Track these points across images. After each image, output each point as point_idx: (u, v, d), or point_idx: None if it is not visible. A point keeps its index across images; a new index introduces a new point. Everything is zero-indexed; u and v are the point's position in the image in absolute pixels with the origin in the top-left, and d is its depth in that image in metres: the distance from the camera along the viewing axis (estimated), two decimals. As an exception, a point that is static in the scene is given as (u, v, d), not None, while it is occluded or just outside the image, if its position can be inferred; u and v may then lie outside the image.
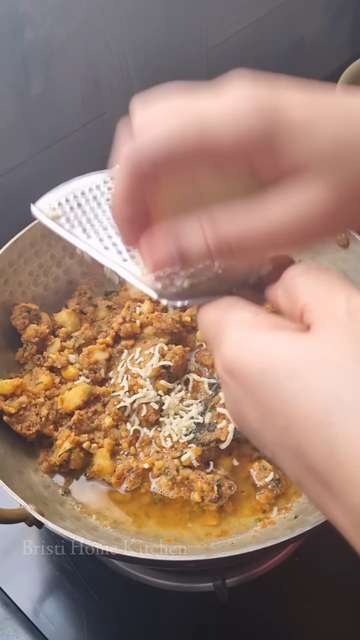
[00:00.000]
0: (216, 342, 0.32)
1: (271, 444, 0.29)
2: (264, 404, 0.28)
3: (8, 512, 0.55)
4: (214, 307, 0.33)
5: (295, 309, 0.30)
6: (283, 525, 0.66)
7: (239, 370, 0.29)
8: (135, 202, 0.32)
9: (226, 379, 0.31)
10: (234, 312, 0.32)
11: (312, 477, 0.27)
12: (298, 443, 0.27)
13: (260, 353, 0.29)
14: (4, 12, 0.73)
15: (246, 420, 0.31)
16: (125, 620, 0.68)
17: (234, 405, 0.31)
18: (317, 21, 1.27)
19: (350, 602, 0.68)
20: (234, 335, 0.30)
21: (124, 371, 0.76)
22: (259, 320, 0.31)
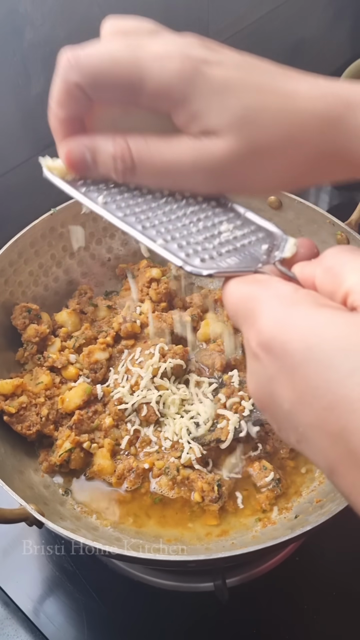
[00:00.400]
0: (251, 316, 0.30)
1: (305, 426, 0.28)
2: (305, 383, 0.27)
3: (8, 512, 0.55)
4: (246, 281, 0.33)
5: (339, 290, 0.30)
6: (283, 525, 0.66)
7: (279, 346, 0.28)
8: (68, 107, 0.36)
9: (261, 356, 0.30)
10: (272, 286, 0.31)
11: (352, 462, 0.26)
12: (343, 425, 0.25)
13: (306, 329, 0.27)
14: (4, 12, 0.73)
15: (277, 400, 0.29)
16: (125, 620, 0.68)
17: (264, 384, 0.30)
18: (317, 21, 1.27)
19: (350, 602, 0.68)
20: (275, 310, 0.29)
21: (124, 371, 0.76)
22: (300, 296, 0.30)
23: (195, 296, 0.85)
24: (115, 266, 0.91)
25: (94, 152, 0.36)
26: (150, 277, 0.84)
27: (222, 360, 0.77)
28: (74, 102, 0.36)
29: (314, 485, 0.69)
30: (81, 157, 0.37)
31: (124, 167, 0.36)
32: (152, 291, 0.83)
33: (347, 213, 0.81)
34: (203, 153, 0.34)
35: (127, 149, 0.35)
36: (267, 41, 1.16)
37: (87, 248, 0.89)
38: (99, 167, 0.37)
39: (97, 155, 0.36)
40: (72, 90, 0.35)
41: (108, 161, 0.36)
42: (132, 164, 0.36)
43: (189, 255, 0.35)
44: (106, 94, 0.35)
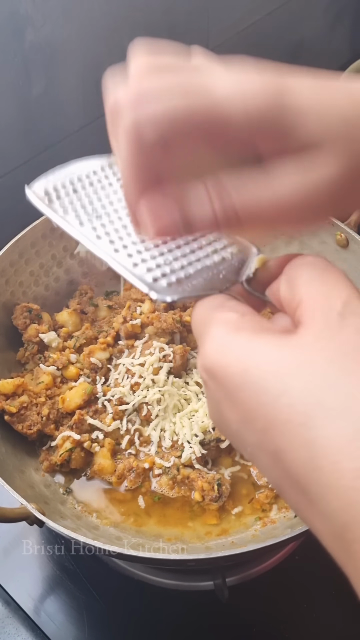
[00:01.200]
0: (201, 340, 0.31)
1: (250, 446, 0.29)
2: (243, 406, 0.28)
3: (9, 511, 0.55)
4: (203, 305, 0.33)
5: (293, 301, 0.30)
6: (283, 524, 0.66)
7: (220, 371, 0.29)
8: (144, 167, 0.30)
9: (206, 380, 0.30)
10: (220, 312, 0.31)
11: (289, 481, 0.26)
12: (277, 446, 0.26)
13: (242, 355, 0.28)
14: (6, 14, 0.73)
15: (226, 422, 0.30)
16: (126, 619, 0.68)
17: (214, 406, 0.31)
18: (317, 21, 1.27)
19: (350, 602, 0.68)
20: (217, 336, 0.30)
21: (124, 371, 0.76)
22: (244, 322, 0.30)
23: (195, 296, 0.85)
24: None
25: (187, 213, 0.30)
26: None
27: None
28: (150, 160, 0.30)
29: (314, 484, 0.69)
30: (172, 223, 0.30)
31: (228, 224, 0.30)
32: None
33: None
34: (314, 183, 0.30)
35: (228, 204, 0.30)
36: (267, 42, 1.16)
37: (87, 248, 0.89)
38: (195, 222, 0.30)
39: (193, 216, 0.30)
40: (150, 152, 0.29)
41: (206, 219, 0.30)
42: (237, 218, 0.30)
43: (156, 280, 0.34)
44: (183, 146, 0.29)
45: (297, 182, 0.30)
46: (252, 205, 0.30)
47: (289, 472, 0.26)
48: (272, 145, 0.30)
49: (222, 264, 0.36)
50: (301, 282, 0.30)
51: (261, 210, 0.30)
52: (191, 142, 0.29)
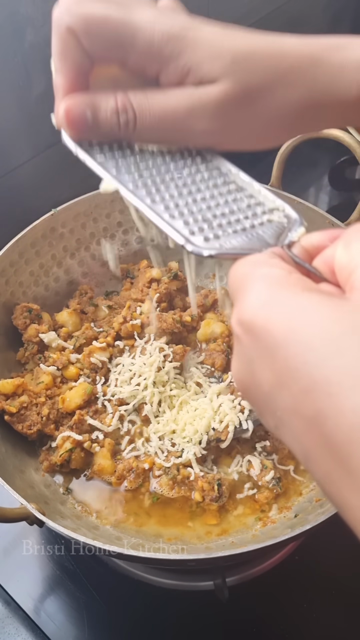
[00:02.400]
0: (239, 294, 0.30)
1: (282, 409, 0.27)
2: (284, 365, 0.26)
3: (9, 511, 0.55)
4: (246, 261, 0.32)
5: (349, 265, 0.29)
6: (283, 524, 0.66)
7: (261, 327, 0.27)
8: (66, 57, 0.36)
9: (241, 335, 0.29)
10: (265, 267, 0.30)
11: (326, 449, 0.25)
12: (319, 409, 0.25)
13: (289, 311, 0.27)
14: (6, 14, 0.73)
15: (256, 382, 0.29)
16: (125, 619, 0.68)
17: (244, 364, 0.29)
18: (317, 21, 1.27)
19: (350, 602, 0.68)
20: (261, 290, 0.28)
21: (124, 371, 0.76)
22: (292, 279, 0.29)
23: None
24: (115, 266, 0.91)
25: (95, 107, 0.36)
26: (151, 277, 0.84)
27: (222, 360, 0.78)
28: (71, 50, 0.36)
29: (314, 484, 0.69)
30: (81, 114, 0.36)
31: (126, 120, 0.36)
32: (152, 291, 0.83)
33: (346, 213, 0.81)
34: (199, 98, 0.35)
35: (128, 101, 0.36)
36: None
37: (87, 248, 0.89)
38: (100, 123, 0.36)
39: (98, 111, 0.36)
40: (66, 37, 0.35)
41: (110, 116, 0.36)
42: (134, 116, 0.36)
43: (193, 233, 0.34)
44: (98, 46, 0.35)
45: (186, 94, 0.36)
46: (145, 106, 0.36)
47: (329, 439, 0.24)
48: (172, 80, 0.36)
49: (263, 228, 0.35)
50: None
51: (152, 110, 0.36)
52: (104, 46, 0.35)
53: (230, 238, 0.34)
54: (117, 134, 0.37)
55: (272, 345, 0.27)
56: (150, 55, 0.35)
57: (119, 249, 0.91)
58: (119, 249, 0.91)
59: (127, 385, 0.74)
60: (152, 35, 0.35)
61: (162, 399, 0.73)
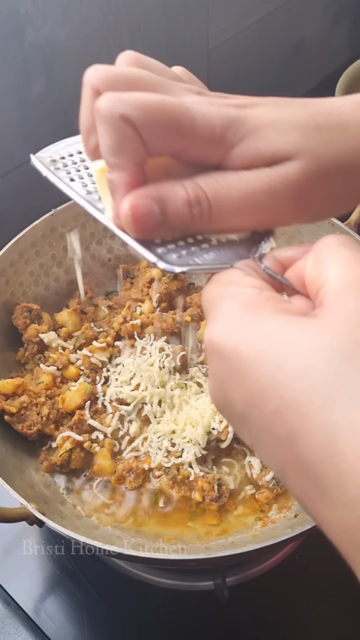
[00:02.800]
0: (211, 315, 0.30)
1: (256, 429, 0.27)
2: (255, 387, 0.27)
3: (9, 511, 0.55)
4: (219, 279, 0.32)
5: (318, 280, 0.29)
6: (283, 524, 0.66)
7: (231, 349, 0.28)
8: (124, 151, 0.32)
9: (212, 357, 0.29)
10: (237, 287, 0.30)
11: (299, 467, 0.25)
12: (291, 429, 0.25)
13: (259, 334, 0.27)
14: (5, 14, 0.73)
15: (230, 403, 0.29)
16: (126, 619, 0.68)
17: (218, 385, 0.30)
18: (317, 22, 1.27)
19: (350, 602, 0.68)
20: (230, 311, 0.29)
21: (124, 371, 0.76)
22: (262, 299, 0.29)
23: (195, 296, 0.86)
24: (115, 266, 0.91)
25: (163, 201, 0.32)
26: (150, 277, 0.84)
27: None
28: (129, 143, 0.31)
29: (314, 484, 0.69)
30: (149, 211, 0.32)
31: (200, 212, 0.32)
32: (152, 291, 0.83)
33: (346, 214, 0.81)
34: (280, 178, 0.33)
35: (200, 189, 0.32)
36: (267, 42, 1.16)
37: (87, 248, 0.89)
38: (171, 219, 0.32)
39: (167, 205, 0.32)
40: (123, 128, 0.31)
41: (181, 209, 0.32)
42: (209, 206, 0.32)
43: (167, 252, 0.33)
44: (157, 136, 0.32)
45: (265, 176, 0.33)
46: (221, 192, 0.32)
47: (301, 458, 0.25)
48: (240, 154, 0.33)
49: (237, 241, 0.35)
50: (331, 260, 0.29)
51: (229, 196, 0.32)
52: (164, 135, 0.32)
53: (203, 252, 0.34)
54: (188, 228, 0.33)
55: (242, 367, 0.27)
56: (213, 141, 0.32)
57: (118, 248, 0.91)
58: (119, 249, 0.91)
59: (127, 386, 0.74)
60: (211, 120, 0.32)
61: (162, 399, 0.74)
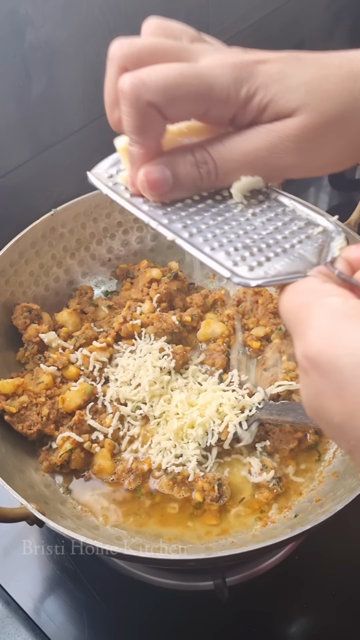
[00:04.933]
0: (300, 328, 0.30)
1: (355, 439, 0.28)
2: (355, 400, 0.27)
3: (9, 511, 0.55)
4: (298, 289, 0.32)
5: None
6: (283, 524, 0.66)
7: (328, 362, 0.28)
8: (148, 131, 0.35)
9: (308, 370, 0.29)
10: (322, 296, 0.30)
11: None
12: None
13: (355, 345, 0.27)
14: (5, 14, 0.73)
15: (328, 414, 0.29)
16: (126, 619, 0.68)
17: (314, 397, 0.30)
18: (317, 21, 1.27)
19: (350, 602, 0.68)
20: (323, 323, 0.29)
21: (124, 371, 0.76)
22: (350, 308, 0.29)
23: (195, 296, 0.86)
24: (115, 266, 0.91)
25: (174, 165, 0.35)
26: (151, 277, 0.84)
27: (222, 360, 0.78)
28: (151, 124, 0.35)
29: (314, 484, 0.69)
30: (162, 176, 0.35)
31: (208, 171, 0.35)
32: (153, 291, 0.83)
33: (346, 213, 0.81)
34: (279, 134, 0.35)
35: (205, 151, 0.35)
36: (267, 42, 1.16)
37: (87, 248, 0.89)
38: (181, 180, 0.36)
39: (178, 168, 0.35)
40: (147, 111, 0.34)
41: (190, 170, 0.35)
42: (214, 166, 0.35)
43: (236, 264, 0.33)
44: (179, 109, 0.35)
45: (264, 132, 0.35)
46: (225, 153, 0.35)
47: None
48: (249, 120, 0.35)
49: (302, 246, 0.34)
50: None
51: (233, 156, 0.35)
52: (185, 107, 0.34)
53: (273, 263, 0.33)
54: (199, 187, 0.36)
55: (340, 380, 0.27)
56: (228, 102, 0.35)
57: (118, 248, 0.91)
58: (119, 249, 0.91)
59: (127, 386, 0.74)
60: (227, 83, 0.34)
61: (163, 399, 0.73)
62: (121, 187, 0.38)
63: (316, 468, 0.71)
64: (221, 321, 0.82)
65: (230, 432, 0.69)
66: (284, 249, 0.34)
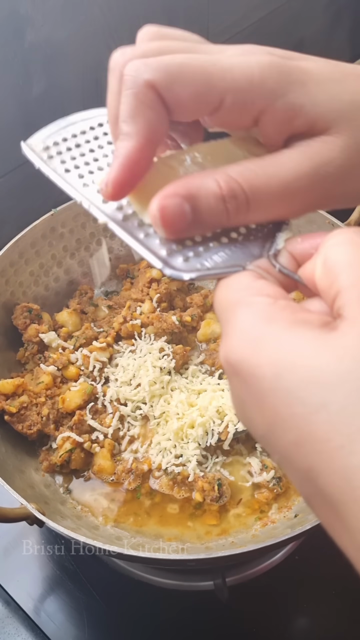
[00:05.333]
0: (226, 328, 0.27)
1: (278, 455, 0.26)
2: (273, 414, 0.24)
3: (9, 511, 0.55)
4: (230, 285, 0.29)
5: (331, 289, 0.26)
6: (283, 524, 0.66)
7: (247, 370, 0.25)
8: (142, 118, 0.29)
9: (230, 375, 0.27)
10: (249, 295, 0.27)
11: (321, 499, 0.24)
12: (310, 465, 0.23)
13: (275, 354, 0.24)
14: (5, 13, 0.73)
15: (252, 424, 0.27)
16: (126, 619, 0.68)
17: (238, 404, 0.28)
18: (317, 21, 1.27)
19: (350, 602, 0.68)
20: (245, 326, 0.26)
21: (124, 371, 0.76)
22: (277, 310, 0.26)
23: (195, 296, 0.86)
24: (115, 266, 0.91)
25: (194, 198, 0.28)
26: (150, 277, 0.84)
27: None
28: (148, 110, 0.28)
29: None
30: (179, 211, 0.28)
31: (237, 206, 0.29)
32: (152, 291, 0.83)
33: (346, 213, 0.81)
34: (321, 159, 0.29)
35: (235, 182, 0.28)
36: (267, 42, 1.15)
37: (87, 248, 0.89)
38: (203, 216, 0.29)
39: (199, 202, 0.28)
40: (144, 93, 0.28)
41: (214, 205, 0.29)
42: (246, 199, 0.29)
43: (171, 254, 0.30)
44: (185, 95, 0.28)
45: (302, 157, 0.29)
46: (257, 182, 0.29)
47: (322, 491, 0.23)
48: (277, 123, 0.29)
49: (245, 237, 0.31)
50: (340, 266, 0.26)
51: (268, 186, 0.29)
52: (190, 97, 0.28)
53: (212, 253, 0.30)
54: (222, 225, 0.30)
55: (260, 391, 0.25)
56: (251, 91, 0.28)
57: (118, 248, 0.91)
58: (119, 249, 0.91)
59: (127, 386, 0.74)
60: (249, 68, 0.28)
61: (163, 399, 0.73)
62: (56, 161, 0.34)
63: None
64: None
65: (230, 432, 0.69)
66: (227, 238, 0.31)
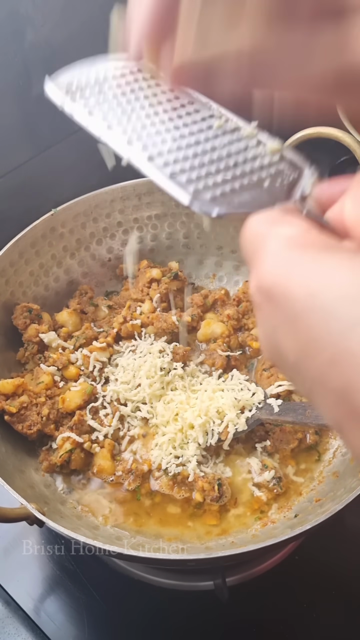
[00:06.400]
0: (256, 257, 0.27)
1: (310, 380, 0.25)
2: (307, 334, 0.24)
3: (9, 511, 0.55)
4: (259, 220, 0.29)
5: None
6: (283, 524, 0.66)
7: (281, 293, 0.25)
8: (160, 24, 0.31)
9: (262, 303, 0.27)
10: (281, 226, 0.27)
11: (357, 421, 0.23)
12: (346, 381, 0.23)
13: (309, 275, 0.24)
14: (5, 14, 0.73)
15: (282, 352, 0.26)
16: (125, 619, 0.68)
17: (268, 333, 0.27)
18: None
19: (350, 601, 0.68)
20: (278, 253, 0.26)
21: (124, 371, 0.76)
22: (310, 238, 0.26)
23: (195, 296, 0.86)
24: (115, 266, 0.91)
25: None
26: (151, 277, 0.84)
27: (222, 360, 0.78)
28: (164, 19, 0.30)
29: (314, 484, 0.69)
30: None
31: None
32: (153, 291, 0.83)
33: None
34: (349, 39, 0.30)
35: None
36: None
37: (87, 248, 0.89)
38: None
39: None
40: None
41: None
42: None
43: (198, 191, 0.30)
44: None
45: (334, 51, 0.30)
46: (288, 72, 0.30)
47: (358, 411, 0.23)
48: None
49: (271, 181, 0.31)
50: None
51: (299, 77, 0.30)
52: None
53: (238, 194, 0.31)
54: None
55: (294, 313, 0.25)
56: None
57: (118, 248, 0.91)
58: (119, 249, 0.91)
59: (127, 386, 0.74)
60: None
61: (162, 399, 0.73)
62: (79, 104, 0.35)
63: (316, 468, 0.71)
64: (221, 321, 0.82)
65: (230, 432, 0.69)
66: (251, 181, 0.31)
